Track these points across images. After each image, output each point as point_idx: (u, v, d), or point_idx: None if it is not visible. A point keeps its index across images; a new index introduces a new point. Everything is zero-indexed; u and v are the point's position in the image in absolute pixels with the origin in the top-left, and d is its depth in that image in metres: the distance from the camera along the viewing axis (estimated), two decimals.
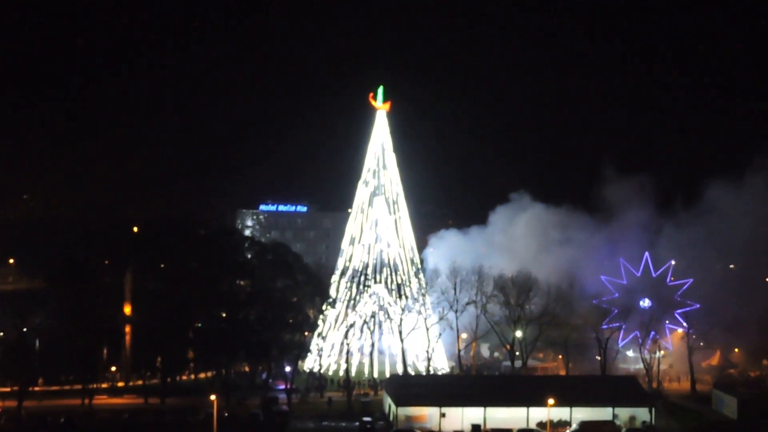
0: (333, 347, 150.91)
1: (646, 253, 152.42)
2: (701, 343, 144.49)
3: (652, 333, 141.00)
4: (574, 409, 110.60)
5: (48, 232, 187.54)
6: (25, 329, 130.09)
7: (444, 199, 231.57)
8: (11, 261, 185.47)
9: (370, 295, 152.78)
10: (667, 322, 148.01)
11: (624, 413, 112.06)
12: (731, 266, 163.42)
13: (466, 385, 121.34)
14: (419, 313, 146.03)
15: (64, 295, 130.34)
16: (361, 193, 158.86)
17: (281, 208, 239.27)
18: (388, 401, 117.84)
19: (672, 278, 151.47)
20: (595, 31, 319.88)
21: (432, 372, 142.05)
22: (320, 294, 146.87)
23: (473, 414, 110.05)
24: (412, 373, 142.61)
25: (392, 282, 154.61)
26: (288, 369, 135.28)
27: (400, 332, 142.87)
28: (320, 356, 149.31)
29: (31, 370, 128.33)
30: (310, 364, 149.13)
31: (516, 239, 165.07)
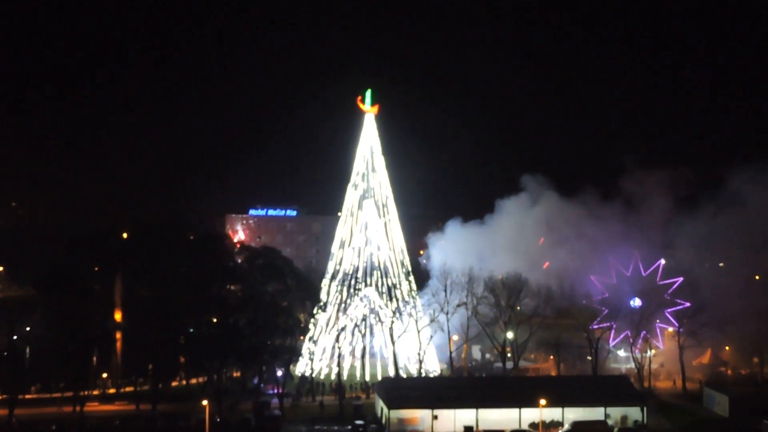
0: (324, 351, 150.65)
1: (636, 252, 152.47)
2: (691, 342, 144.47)
3: (643, 332, 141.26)
4: (566, 409, 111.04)
5: (36, 239, 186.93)
6: (15, 337, 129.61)
7: (434, 201, 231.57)
8: (0, 269, 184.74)
9: (360, 299, 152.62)
10: (657, 321, 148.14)
11: (616, 413, 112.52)
12: (720, 264, 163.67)
13: (458, 387, 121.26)
14: (410, 315, 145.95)
15: (53, 302, 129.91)
16: (351, 196, 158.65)
17: (270, 212, 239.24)
18: (380, 404, 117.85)
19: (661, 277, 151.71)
20: (606, 15, 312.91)
21: (424, 374, 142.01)
22: (311, 298, 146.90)
23: (465, 416, 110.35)
24: (404, 376, 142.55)
25: (383, 285, 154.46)
26: (280, 373, 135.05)
27: (392, 335, 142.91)
28: (312, 360, 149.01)
29: (21, 378, 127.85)
30: (301, 368, 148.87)
31: (524, 233, 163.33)
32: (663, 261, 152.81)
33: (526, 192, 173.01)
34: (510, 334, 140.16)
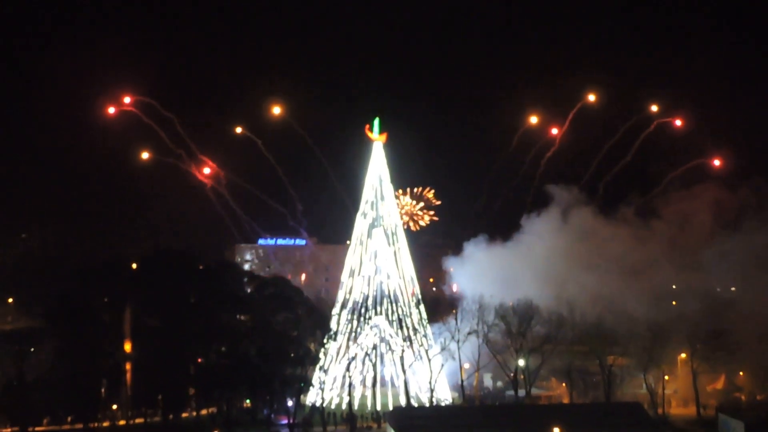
0: (335, 380, 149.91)
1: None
2: (705, 367, 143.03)
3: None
4: None
5: (46, 271, 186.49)
6: (24, 368, 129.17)
7: (447, 226, 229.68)
8: (10, 300, 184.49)
9: (371, 327, 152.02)
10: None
11: None
12: (732, 288, 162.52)
13: (469, 416, 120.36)
14: (420, 344, 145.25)
15: (63, 333, 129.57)
16: (360, 225, 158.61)
17: (280, 241, 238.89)
18: None
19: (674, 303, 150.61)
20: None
21: (435, 403, 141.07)
22: (321, 327, 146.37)
23: None
24: (415, 405, 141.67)
25: (393, 313, 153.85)
26: (290, 403, 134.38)
27: (402, 364, 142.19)
28: (322, 389, 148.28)
29: (30, 409, 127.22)
30: (312, 397, 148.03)
31: (552, 255, 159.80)
32: (674, 286, 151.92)
33: (556, 206, 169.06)
34: (521, 362, 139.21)
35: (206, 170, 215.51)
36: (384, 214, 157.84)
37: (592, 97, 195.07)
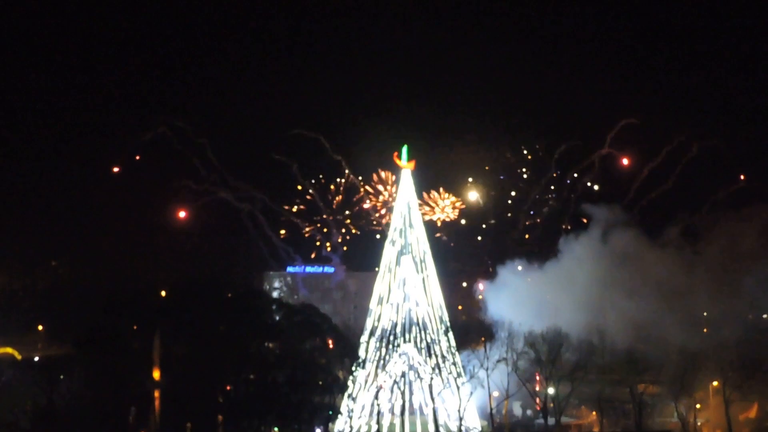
0: (363, 408, 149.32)
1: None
2: (737, 396, 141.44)
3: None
4: None
5: (76, 298, 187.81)
6: (54, 396, 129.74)
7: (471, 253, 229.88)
8: (40, 327, 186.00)
9: (399, 355, 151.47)
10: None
11: None
12: (765, 316, 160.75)
13: None
14: (449, 372, 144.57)
15: (92, 361, 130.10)
16: (388, 252, 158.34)
17: (308, 269, 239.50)
18: None
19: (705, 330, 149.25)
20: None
21: (464, 431, 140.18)
22: (349, 354, 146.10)
23: None
24: None
25: (421, 341, 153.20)
26: (318, 431, 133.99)
27: (431, 391, 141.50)
28: (351, 417, 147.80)
29: None
30: (340, 425, 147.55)
31: (591, 278, 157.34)
32: (705, 313, 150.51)
33: (596, 228, 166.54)
34: (551, 390, 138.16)
35: (182, 213, 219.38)
36: (412, 241, 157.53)
37: (629, 120, 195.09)
